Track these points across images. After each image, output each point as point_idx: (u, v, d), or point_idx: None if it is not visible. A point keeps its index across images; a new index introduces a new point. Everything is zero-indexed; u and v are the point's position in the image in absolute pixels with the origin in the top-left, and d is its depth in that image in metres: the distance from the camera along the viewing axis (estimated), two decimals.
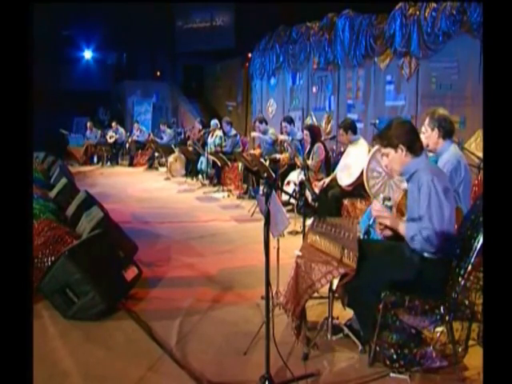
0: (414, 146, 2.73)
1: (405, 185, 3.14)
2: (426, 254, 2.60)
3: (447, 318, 2.50)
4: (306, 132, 6.54)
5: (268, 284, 2.45)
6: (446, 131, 3.44)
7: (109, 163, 13.35)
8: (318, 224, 3.14)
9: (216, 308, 3.55)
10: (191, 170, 10.22)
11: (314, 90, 9.83)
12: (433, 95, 7.04)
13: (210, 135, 10.08)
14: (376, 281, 2.59)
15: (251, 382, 2.48)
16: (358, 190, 5.22)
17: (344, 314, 3.07)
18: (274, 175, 6.55)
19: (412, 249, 2.64)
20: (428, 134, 3.48)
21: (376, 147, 4.49)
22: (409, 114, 7.41)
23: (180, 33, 16.64)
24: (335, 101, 9.18)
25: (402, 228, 2.69)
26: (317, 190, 5.64)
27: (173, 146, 11.51)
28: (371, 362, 2.64)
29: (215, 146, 9.68)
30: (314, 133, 6.52)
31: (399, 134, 2.74)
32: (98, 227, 4.00)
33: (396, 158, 2.77)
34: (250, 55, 12.60)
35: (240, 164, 8.29)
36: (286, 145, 7.62)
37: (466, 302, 2.64)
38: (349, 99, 8.82)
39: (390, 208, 3.62)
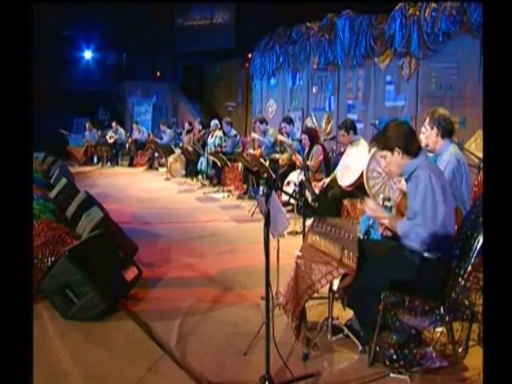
0: (411, 148, 2.71)
1: (404, 185, 3.14)
2: (425, 254, 2.59)
3: (447, 318, 2.50)
4: (304, 136, 6.58)
5: (268, 284, 2.45)
6: (445, 130, 3.45)
7: (109, 163, 13.35)
8: (318, 224, 3.14)
9: (216, 308, 3.55)
10: (191, 171, 10.23)
11: (314, 90, 9.83)
12: (433, 95, 7.04)
13: (210, 135, 10.08)
14: (376, 281, 2.59)
15: (251, 383, 2.48)
16: (358, 190, 5.22)
17: (344, 314, 3.07)
18: (273, 175, 6.56)
19: (411, 249, 2.63)
20: (428, 134, 3.50)
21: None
22: (409, 114, 7.42)
23: (180, 31, 16.62)
24: (335, 101, 9.18)
25: (397, 225, 2.69)
26: (317, 191, 5.64)
27: (173, 147, 11.51)
28: (371, 363, 2.64)
29: (215, 147, 9.68)
30: (312, 135, 6.60)
31: (396, 137, 2.72)
32: (98, 227, 4.00)
33: (393, 160, 2.76)
34: (250, 55, 12.60)
35: (240, 164, 8.29)
36: (285, 146, 7.64)
37: (466, 303, 2.65)
38: (349, 99, 8.82)
39: (390, 208, 3.63)
